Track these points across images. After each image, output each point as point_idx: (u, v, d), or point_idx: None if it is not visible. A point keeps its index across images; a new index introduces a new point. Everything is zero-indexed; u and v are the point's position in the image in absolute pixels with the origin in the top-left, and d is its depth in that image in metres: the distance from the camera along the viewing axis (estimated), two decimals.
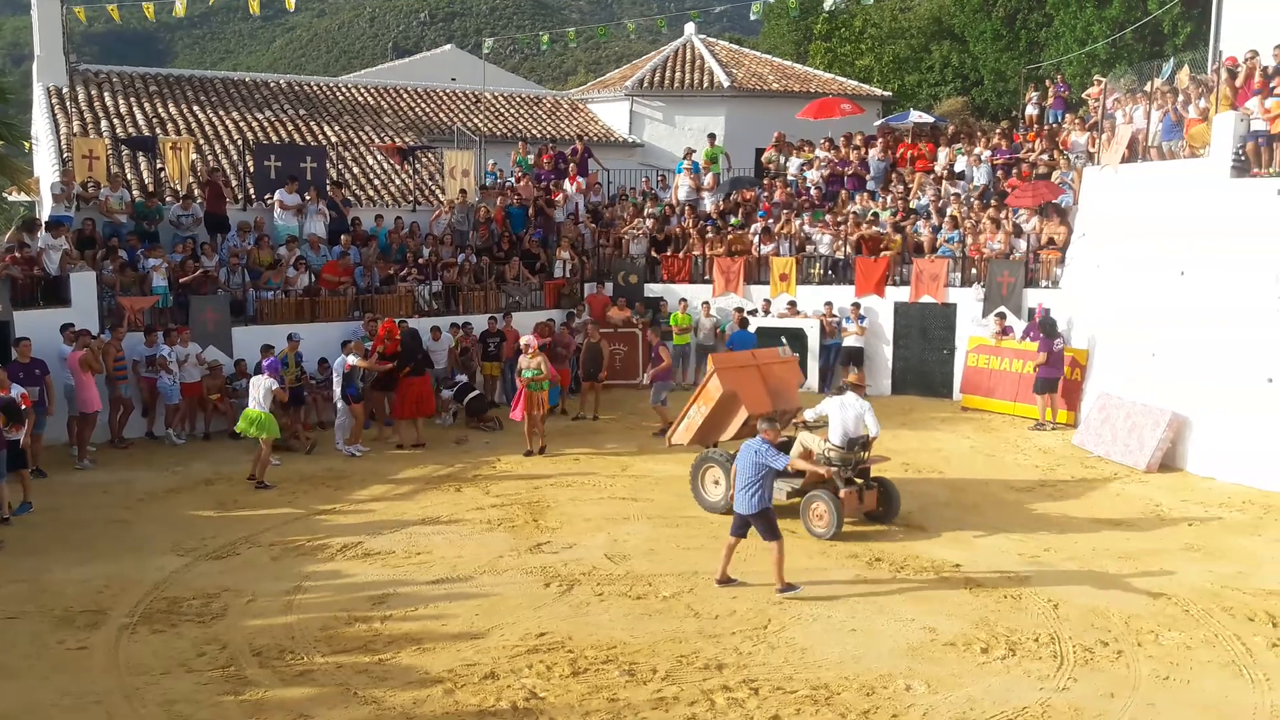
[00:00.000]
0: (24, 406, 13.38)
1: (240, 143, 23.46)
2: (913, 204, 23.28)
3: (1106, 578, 11.50)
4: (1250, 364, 15.17)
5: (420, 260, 21.43)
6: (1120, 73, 23.40)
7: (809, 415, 13.48)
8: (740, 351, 16.52)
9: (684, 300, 22.46)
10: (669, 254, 23.69)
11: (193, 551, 12.26)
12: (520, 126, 30.49)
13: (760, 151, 27.75)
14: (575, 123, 31.48)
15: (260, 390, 15.12)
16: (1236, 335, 15.39)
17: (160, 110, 24.75)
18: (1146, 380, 16.81)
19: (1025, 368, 19.34)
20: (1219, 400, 15.60)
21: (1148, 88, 19.60)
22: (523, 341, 17.43)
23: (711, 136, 27.15)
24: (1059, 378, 18.76)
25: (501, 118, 30.96)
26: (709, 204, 25.07)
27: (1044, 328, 18.68)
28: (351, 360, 16.66)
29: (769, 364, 14.63)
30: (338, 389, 16.94)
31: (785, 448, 12.72)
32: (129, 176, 21.56)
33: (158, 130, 23.48)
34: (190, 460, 16.56)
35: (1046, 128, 24.79)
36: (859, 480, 13.05)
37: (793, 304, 22.02)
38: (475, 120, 29.95)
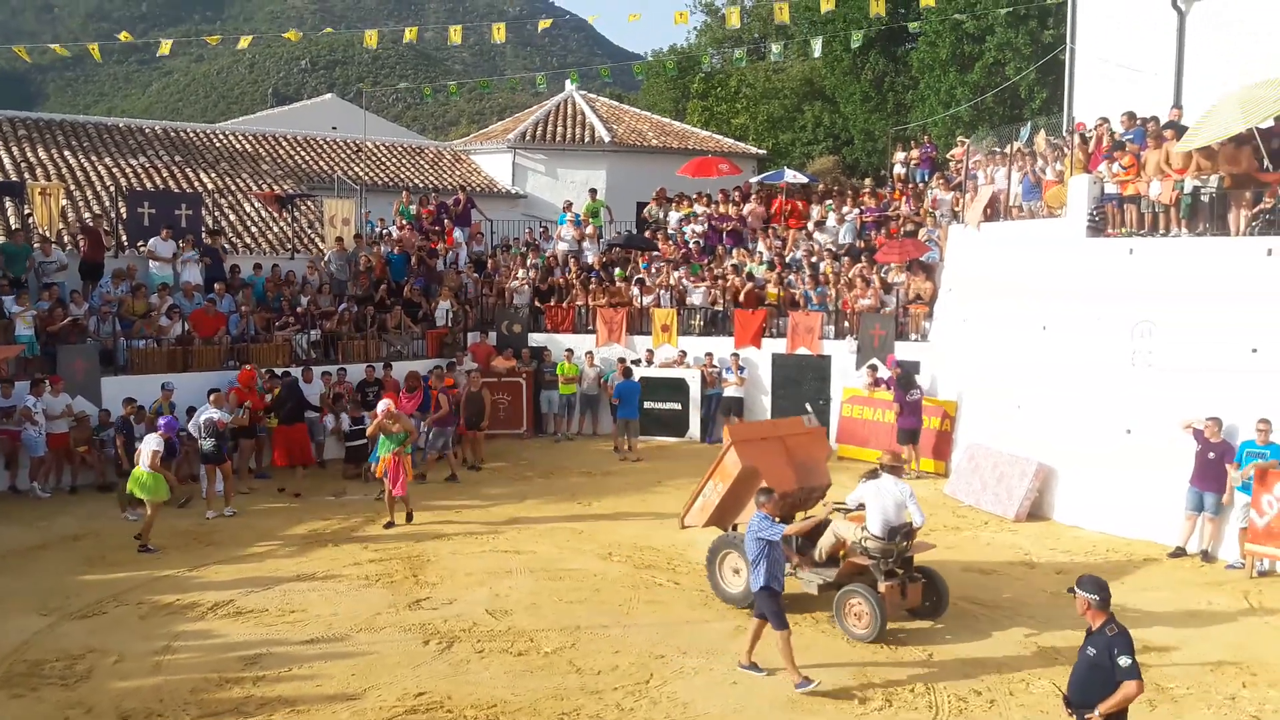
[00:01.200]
0: None
1: (113, 189, 22.86)
2: (788, 259, 23.88)
3: (978, 626, 11.83)
4: (1110, 416, 15.81)
5: (298, 309, 21.12)
6: (982, 134, 24.39)
7: (850, 500, 11.93)
8: (760, 421, 15.14)
9: (569, 350, 22.57)
10: (552, 304, 23.84)
11: (57, 610, 11.80)
12: (402, 176, 30.39)
13: (642, 205, 28.18)
14: (458, 173, 31.51)
15: (144, 450, 14.44)
16: (1096, 388, 16.03)
17: (29, 154, 23.96)
18: (1013, 432, 17.39)
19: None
20: (1082, 451, 16.19)
21: (1008, 150, 20.51)
22: (382, 407, 15.71)
23: (593, 191, 27.50)
24: (918, 428, 19.33)
25: (383, 167, 30.81)
26: (591, 256, 25.35)
27: (901, 381, 19.26)
28: (219, 415, 16.13)
29: (793, 435, 13.09)
30: (198, 434, 16.37)
31: (820, 532, 11.88)
32: None
33: (26, 175, 22.72)
34: (56, 515, 15.97)
35: (913, 186, 25.71)
36: (900, 571, 11.58)
37: (683, 354, 22.38)
38: (356, 169, 29.74)
